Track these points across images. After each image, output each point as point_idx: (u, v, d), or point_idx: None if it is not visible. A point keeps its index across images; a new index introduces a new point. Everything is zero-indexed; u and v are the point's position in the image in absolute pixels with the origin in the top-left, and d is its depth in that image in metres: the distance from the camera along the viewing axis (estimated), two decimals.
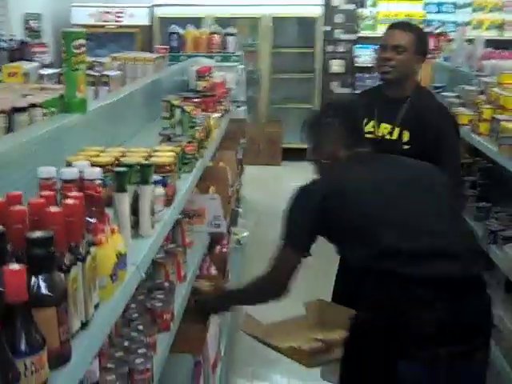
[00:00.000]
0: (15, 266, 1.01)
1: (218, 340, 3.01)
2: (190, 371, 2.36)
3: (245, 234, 4.72)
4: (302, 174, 2.76)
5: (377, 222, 2.03)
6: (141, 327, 1.89)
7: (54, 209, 1.19)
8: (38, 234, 1.10)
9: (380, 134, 2.90)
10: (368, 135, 2.89)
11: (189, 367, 2.33)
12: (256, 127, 8.43)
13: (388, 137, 2.88)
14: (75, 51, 2.21)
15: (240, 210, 4.88)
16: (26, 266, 1.02)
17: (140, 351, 1.75)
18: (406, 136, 2.84)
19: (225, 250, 3.34)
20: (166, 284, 2.19)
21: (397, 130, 2.86)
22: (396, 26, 3.00)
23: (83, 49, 2.23)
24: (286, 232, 2.21)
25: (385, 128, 2.89)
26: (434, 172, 2.28)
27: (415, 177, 2.20)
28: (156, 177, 1.87)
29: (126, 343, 1.80)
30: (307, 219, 2.16)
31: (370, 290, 1.99)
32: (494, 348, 2.90)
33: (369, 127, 2.92)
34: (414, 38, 2.86)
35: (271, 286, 2.28)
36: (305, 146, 2.48)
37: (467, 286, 1.93)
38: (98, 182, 1.53)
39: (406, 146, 2.82)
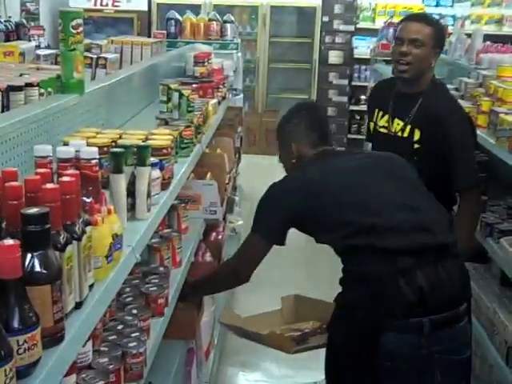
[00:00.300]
0: (9, 242, 0.99)
1: (211, 328, 3.00)
2: (183, 357, 2.35)
3: (240, 222, 4.70)
4: None
5: (346, 206, 2.12)
6: (135, 311, 1.87)
7: (50, 186, 1.17)
8: (33, 210, 1.08)
9: (393, 130, 2.82)
10: (382, 129, 2.89)
11: (182, 353, 2.32)
12: (253, 116, 8.40)
13: (400, 134, 2.79)
14: (73, 31, 2.17)
15: (236, 198, 4.86)
16: (20, 242, 1.00)
17: (134, 335, 1.74)
18: (416, 135, 2.74)
19: (220, 237, 3.32)
20: (161, 269, 2.17)
21: (408, 128, 2.76)
22: (413, 17, 2.89)
23: (81, 29, 2.20)
24: (258, 221, 2.28)
25: (398, 124, 2.81)
26: (399, 159, 2.37)
27: (382, 162, 2.32)
28: (153, 159, 1.85)
29: (120, 327, 1.78)
30: (279, 210, 2.23)
31: (350, 267, 2.08)
32: (488, 341, 2.91)
33: (383, 121, 2.88)
34: (432, 31, 2.73)
35: (235, 274, 2.38)
36: None
37: (442, 254, 2.04)
38: (95, 161, 1.51)
39: (416, 145, 2.73)
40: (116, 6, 8.11)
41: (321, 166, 2.30)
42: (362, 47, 8.78)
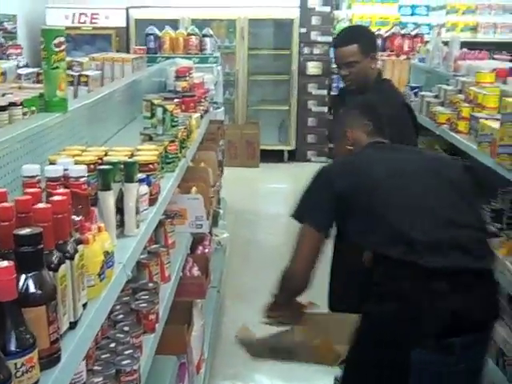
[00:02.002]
0: (3, 263, 0.98)
1: (201, 342, 2.99)
2: (175, 372, 2.34)
3: (225, 235, 4.69)
4: (279, 176, 2.78)
5: (395, 210, 2.02)
6: (126, 328, 1.86)
7: (41, 205, 1.17)
8: (26, 230, 1.07)
9: None
10: None
11: (174, 368, 2.30)
12: (233, 129, 8.41)
13: None
14: (55, 49, 2.17)
15: (221, 211, 4.86)
16: (14, 264, 0.99)
17: (127, 352, 1.73)
18: None
19: (207, 250, 3.32)
20: (151, 284, 2.16)
21: None
22: (339, 43, 3.10)
23: (63, 47, 2.19)
24: (307, 210, 2.16)
25: None
26: (452, 164, 2.34)
27: (433, 167, 2.21)
28: (140, 175, 1.85)
29: (113, 345, 1.77)
30: (325, 192, 2.14)
31: (382, 278, 1.98)
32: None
33: None
34: (358, 47, 2.99)
35: (291, 277, 2.20)
36: (281, 147, 2.51)
37: (479, 278, 1.96)
38: (84, 179, 1.50)
39: None
40: (94, 23, 8.10)
41: (375, 157, 2.24)
42: None
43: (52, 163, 1.74)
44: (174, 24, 7.33)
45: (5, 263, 0.98)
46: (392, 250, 1.94)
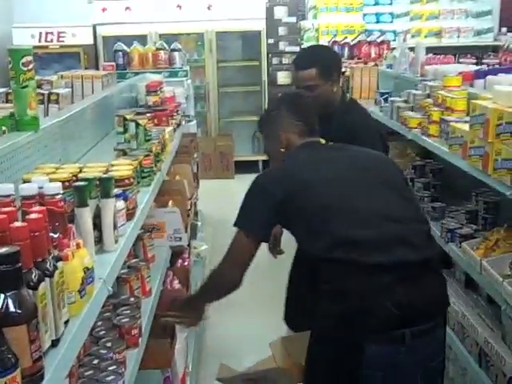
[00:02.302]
0: None
1: (185, 355, 2.97)
2: None
3: (204, 247, 4.68)
4: None
5: (332, 212, 2.04)
6: (109, 344, 1.84)
7: (17, 224, 1.16)
8: (3, 249, 1.06)
9: None
10: None
11: (158, 383, 2.29)
12: (207, 141, 8.42)
13: None
14: (23, 68, 2.16)
15: (198, 223, 4.85)
16: None
17: (110, 368, 1.71)
18: None
19: (186, 263, 3.31)
20: (132, 299, 2.15)
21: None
22: (297, 65, 2.99)
23: (31, 65, 2.18)
24: (241, 216, 2.17)
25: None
26: (386, 160, 2.37)
27: (368, 165, 2.24)
28: (116, 190, 1.84)
29: (96, 361, 1.75)
30: (263, 201, 2.14)
31: (328, 280, 2.00)
32: (459, 344, 2.95)
33: None
34: (317, 71, 2.87)
35: (223, 278, 2.26)
36: (256, 157, 2.51)
37: (424, 269, 2.01)
38: (59, 196, 1.49)
39: None
40: (61, 42, 8.05)
41: (309, 159, 2.24)
42: None
43: (26, 182, 1.73)
44: (142, 39, 7.32)
45: None
46: (339, 253, 1.96)
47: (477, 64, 5.79)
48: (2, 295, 1.03)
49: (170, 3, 8.43)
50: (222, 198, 7.21)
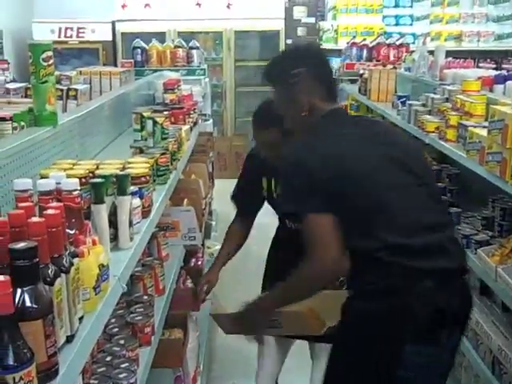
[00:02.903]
0: (0, 277, 0.97)
1: (197, 354, 2.97)
2: None
3: (217, 247, 4.66)
4: None
5: (377, 211, 1.96)
6: (122, 342, 1.85)
7: (35, 219, 1.16)
8: (21, 244, 1.07)
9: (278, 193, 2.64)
10: (265, 193, 2.73)
11: (169, 382, 2.29)
12: (222, 141, 8.43)
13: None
14: (44, 63, 2.16)
15: (213, 222, 4.85)
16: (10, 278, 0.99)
17: (123, 366, 1.72)
18: None
19: (200, 262, 3.31)
20: (145, 297, 2.15)
21: None
22: (255, 122, 2.67)
23: (51, 61, 2.19)
24: (302, 203, 1.95)
25: None
26: (418, 150, 2.32)
27: (404, 158, 2.09)
28: (133, 188, 1.85)
29: (109, 358, 1.75)
30: (313, 186, 1.94)
31: (372, 278, 1.96)
32: (473, 351, 2.93)
33: (264, 184, 2.75)
34: (276, 131, 2.44)
35: (316, 268, 1.95)
36: None
37: (458, 275, 2.06)
38: (76, 192, 1.50)
39: None
40: (80, 37, 8.11)
41: (346, 138, 2.06)
42: None
43: (44, 177, 1.74)
44: (161, 37, 7.36)
45: (1, 277, 0.97)
46: (386, 256, 1.95)
47: (496, 69, 5.75)
48: (19, 290, 1.04)
49: (190, 1, 8.47)
50: None
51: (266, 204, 2.83)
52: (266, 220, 3.00)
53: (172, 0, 8.41)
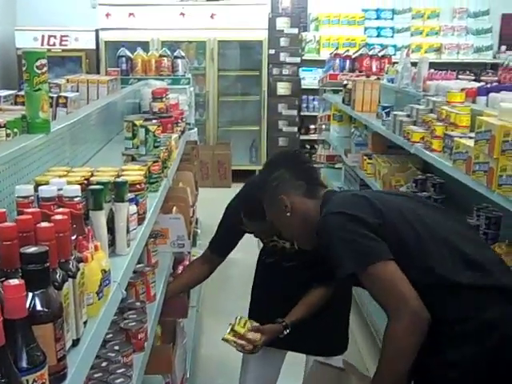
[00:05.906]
0: (14, 281, 0.99)
1: (183, 361, 2.98)
2: None
3: None
4: None
5: (436, 240, 1.93)
6: (117, 347, 1.86)
7: (45, 224, 1.18)
8: (32, 249, 1.08)
9: (282, 243, 2.63)
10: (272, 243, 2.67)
11: None
12: (205, 150, 8.45)
13: (288, 245, 2.60)
14: (37, 71, 2.18)
15: (198, 230, 4.86)
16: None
17: (119, 371, 1.72)
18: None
19: None
20: (138, 304, 2.16)
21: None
22: (247, 214, 2.58)
23: (45, 69, 2.21)
24: (366, 254, 1.84)
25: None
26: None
27: (446, 218, 2.12)
28: (129, 195, 1.86)
29: (104, 364, 1.76)
30: (369, 235, 1.87)
31: (461, 314, 1.82)
32: None
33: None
34: (266, 220, 2.38)
35: (411, 312, 1.75)
36: (253, 167, 2.47)
37: None
38: (78, 199, 1.51)
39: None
40: (64, 45, 8.09)
41: (362, 194, 2.11)
42: (309, 78, 9.01)
43: (39, 184, 1.74)
44: (144, 46, 7.36)
45: (15, 281, 0.99)
46: (462, 275, 1.81)
47: (475, 81, 5.85)
48: (31, 294, 1.05)
49: (174, 11, 8.49)
50: (220, 207, 7.21)
51: None
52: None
53: (156, 9, 8.43)
